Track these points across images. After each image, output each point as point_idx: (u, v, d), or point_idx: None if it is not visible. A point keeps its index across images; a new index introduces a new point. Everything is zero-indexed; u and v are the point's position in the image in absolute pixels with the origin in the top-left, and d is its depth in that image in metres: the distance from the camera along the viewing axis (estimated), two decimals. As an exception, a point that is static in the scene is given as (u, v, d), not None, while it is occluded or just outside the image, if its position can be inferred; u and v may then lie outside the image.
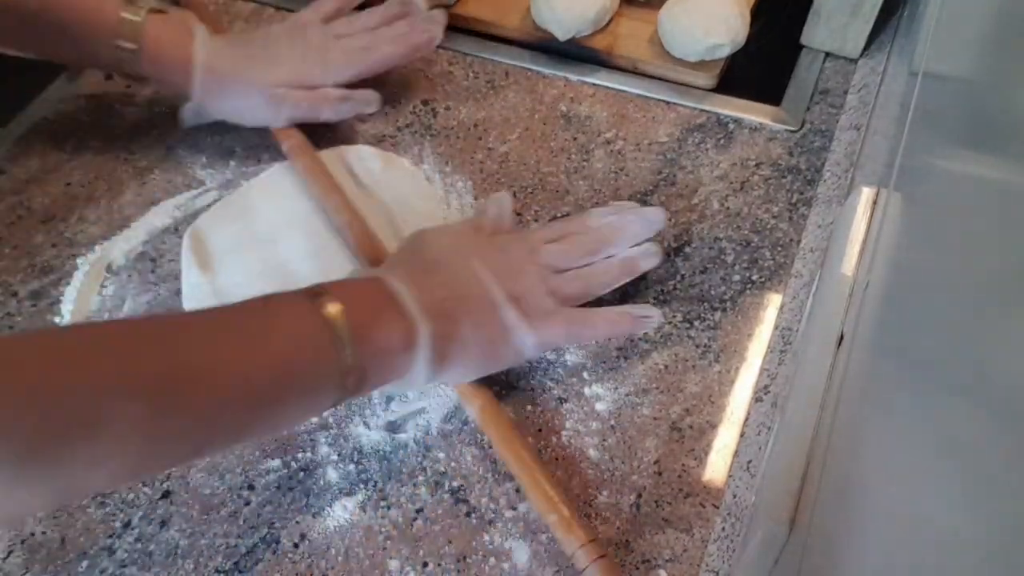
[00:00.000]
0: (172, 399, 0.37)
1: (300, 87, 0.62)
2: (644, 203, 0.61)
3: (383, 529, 0.48)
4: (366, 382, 0.44)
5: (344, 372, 0.42)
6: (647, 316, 0.52)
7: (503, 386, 0.53)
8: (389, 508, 0.49)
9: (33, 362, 0.35)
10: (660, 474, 0.49)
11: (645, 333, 0.55)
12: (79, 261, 0.59)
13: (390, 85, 0.70)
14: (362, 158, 0.64)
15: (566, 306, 0.51)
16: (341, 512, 0.48)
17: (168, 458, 0.40)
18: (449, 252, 0.51)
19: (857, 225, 0.53)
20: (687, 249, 0.59)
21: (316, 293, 0.43)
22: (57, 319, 0.56)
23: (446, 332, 0.46)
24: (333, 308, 0.43)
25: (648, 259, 0.55)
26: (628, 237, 0.55)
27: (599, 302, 0.53)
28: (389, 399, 0.52)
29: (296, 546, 0.47)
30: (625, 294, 0.57)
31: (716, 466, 0.50)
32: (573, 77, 0.70)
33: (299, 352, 0.42)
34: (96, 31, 0.58)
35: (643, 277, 0.57)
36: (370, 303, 0.45)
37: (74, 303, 0.56)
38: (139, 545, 0.47)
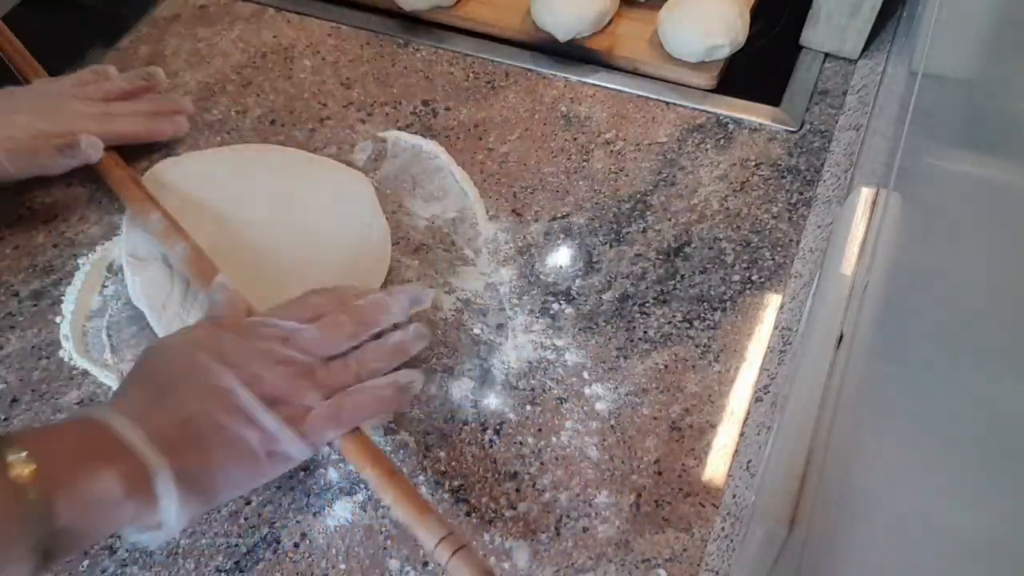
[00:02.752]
0: None
1: (23, 137, 0.58)
2: (644, 203, 0.61)
3: (383, 529, 0.48)
4: (81, 541, 0.39)
5: (42, 540, 0.37)
6: (409, 382, 0.48)
7: (503, 386, 0.53)
8: (389, 508, 0.49)
9: None
10: (660, 474, 0.49)
11: (645, 332, 0.55)
12: (80, 261, 0.59)
13: (390, 86, 0.70)
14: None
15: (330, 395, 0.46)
16: (341, 512, 0.48)
17: None
18: (186, 365, 0.45)
19: (856, 225, 0.53)
20: (687, 249, 0.59)
21: (8, 443, 0.37)
22: (58, 319, 0.56)
23: (194, 462, 0.42)
24: (20, 468, 0.37)
25: (418, 342, 0.50)
26: (395, 315, 0.50)
27: None
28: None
29: (297, 546, 0.47)
30: (625, 295, 0.57)
31: (716, 466, 0.50)
32: (573, 78, 0.70)
33: None
34: None
35: (643, 276, 0.57)
36: (77, 452, 0.39)
37: (75, 303, 0.56)
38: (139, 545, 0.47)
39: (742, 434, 0.51)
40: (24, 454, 0.37)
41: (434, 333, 0.55)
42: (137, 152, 0.64)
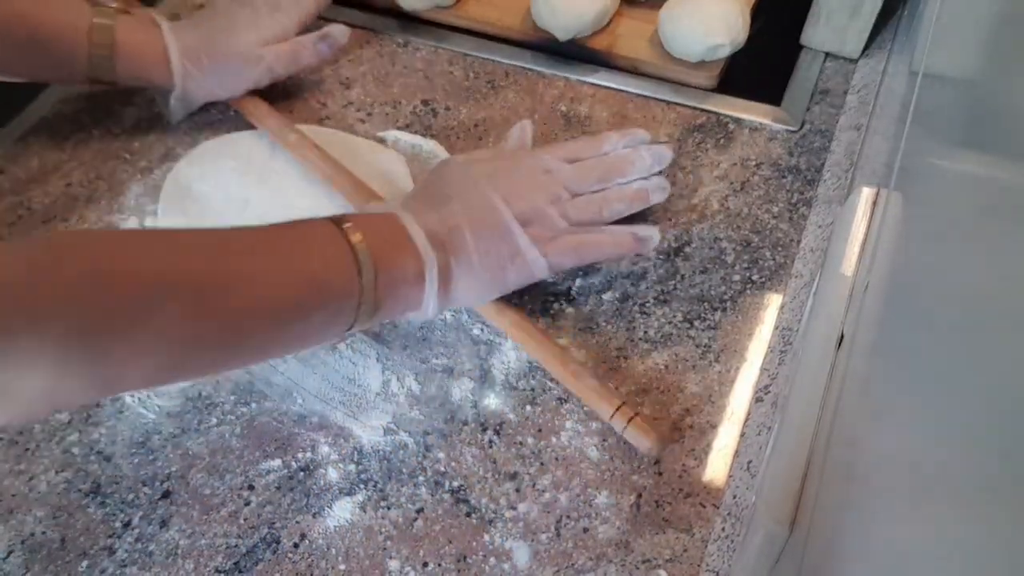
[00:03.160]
0: (210, 301, 0.40)
1: (271, 42, 0.64)
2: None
3: (383, 529, 0.48)
4: (380, 310, 0.47)
5: (362, 297, 0.45)
6: (648, 236, 0.54)
7: (503, 386, 0.53)
8: (389, 508, 0.49)
9: (85, 252, 0.38)
10: (660, 474, 0.49)
11: (645, 332, 0.55)
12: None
13: (390, 85, 0.70)
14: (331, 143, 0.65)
15: (575, 228, 0.53)
16: (341, 512, 0.48)
17: (200, 361, 0.43)
18: (464, 180, 0.52)
19: (857, 225, 0.53)
20: (687, 249, 0.59)
21: (341, 220, 0.46)
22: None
23: (453, 260, 0.49)
24: (356, 235, 0.46)
25: (659, 193, 0.57)
26: (639, 169, 0.57)
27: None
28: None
29: (296, 546, 0.47)
30: (625, 295, 0.57)
31: (716, 466, 0.50)
32: (573, 77, 0.70)
33: (326, 272, 0.45)
34: (69, 40, 0.58)
35: (643, 276, 0.57)
36: (385, 235, 0.48)
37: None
38: (139, 545, 0.47)
39: (742, 434, 0.51)
40: (355, 229, 0.46)
41: (434, 333, 0.55)
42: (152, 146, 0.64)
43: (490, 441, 0.51)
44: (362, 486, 0.49)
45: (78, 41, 0.58)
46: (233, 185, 0.62)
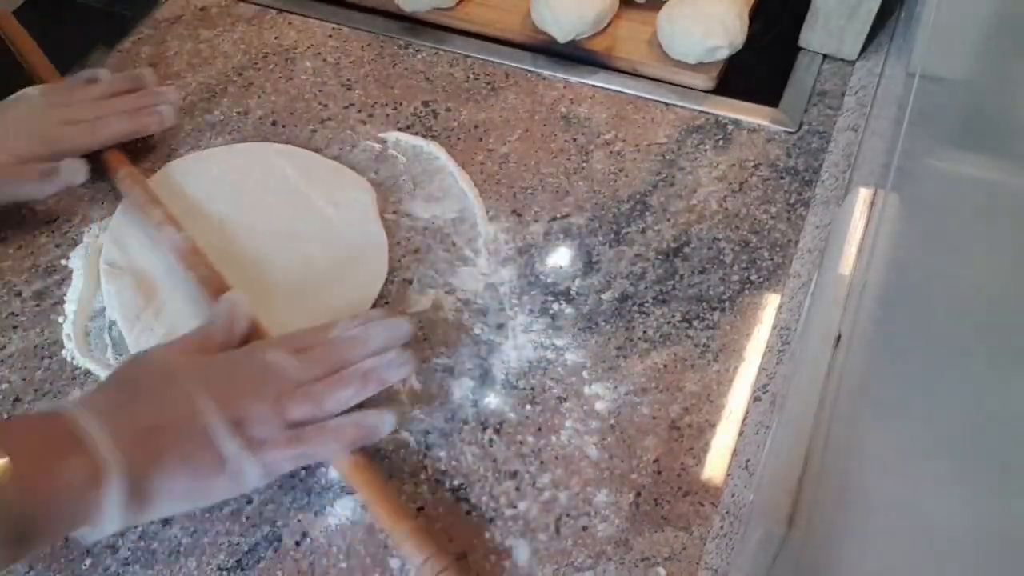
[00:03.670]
0: None
1: (5, 161, 0.58)
2: (644, 203, 0.62)
3: (384, 528, 0.48)
4: (38, 536, 0.40)
5: (16, 528, 0.39)
6: (375, 424, 0.48)
7: (503, 385, 0.53)
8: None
9: None
10: (659, 473, 0.50)
11: (645, 332, 0.55)
12: (66, 262, 0.59)
13: (391, 87, 0.70)
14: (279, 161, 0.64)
15: (297, 427, 0.47)
16: (343, 510, 0.49)
17: None
18: (163, 377, 0.46)
19: (854, 225, 0.53)
20: (686, 249, 0.59)
21: None
22: (60, 319, 0.56)
23: (146, 470, 0.42)
24: None
25: (397, 369, 0.49)
26: (372, 348, 0.50)
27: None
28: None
29: (298, 544, 0.48)
30: (624, 295, 0.57)
31: (715, 465, 0.50)
32: (573, 79, 0.70)
33: None
34: None
35: (642, 276, 0.58)
36: (42, 445, 0.41)
37: (77, 303, 0.57)
38: (142, 543, 0.48)
39: (741, 433, 0.51)
40: None
41: (434, 333, 0.55)
42: (141, 153, 0.65)
43: (490, 440, 0.51)
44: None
45: None
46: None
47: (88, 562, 0.47)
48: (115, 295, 0.56)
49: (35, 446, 0.41)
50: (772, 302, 0.57)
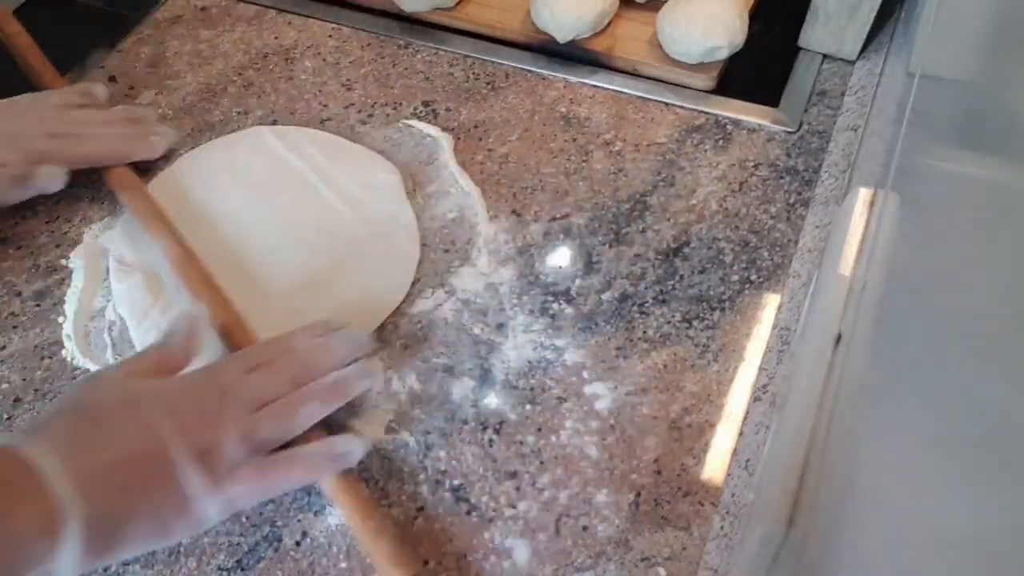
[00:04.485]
0: None
1: None
2: (644, 203, 0.62)
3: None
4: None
5: None
6: (346, 451, 0.47)
7: (503, 385, 0.53)
8: (390, 506, 0.49)
9: None
10: (659, 473, 0.50)
11: (645, 332, 0.55)
12: (68, 263, 0.59)
13: (391, 87, 0.70)
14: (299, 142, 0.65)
15: (262, 452, 0.45)
16: (342, 516, 0.49)
17: None
18: (124, 404, 0.43)
19: (854, 225, 0.53)
20: (686, 249, 0.59)
21: None
22: (61, 319, 0.56)
23: (107, 513, 0.39)
24: None
25: (360, 380, 0.49)
26: (335, 360, 0.48)
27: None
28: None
29: (298, 544, 0.48)
30: (624, 295, 0.57)
31: (715, 465, 0.50)
32: (573, 79, 0.70)
33: None
34: None
35: (642, 276, 0.58)
36: None
37: (77, 303, 0.57)
38: (142, 543, 0.48)
39: (741, 433, 0.51)
40: None
41: (434, 333, 0.55)
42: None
43: (490, 440, 0.51)
44: (363, 485, 0.49)
45: None
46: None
47: None
48: (125, 293, 0.56)
49: None
50: (772, 302, 0.57)
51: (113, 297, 0.57)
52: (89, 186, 0.63)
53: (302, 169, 0.63)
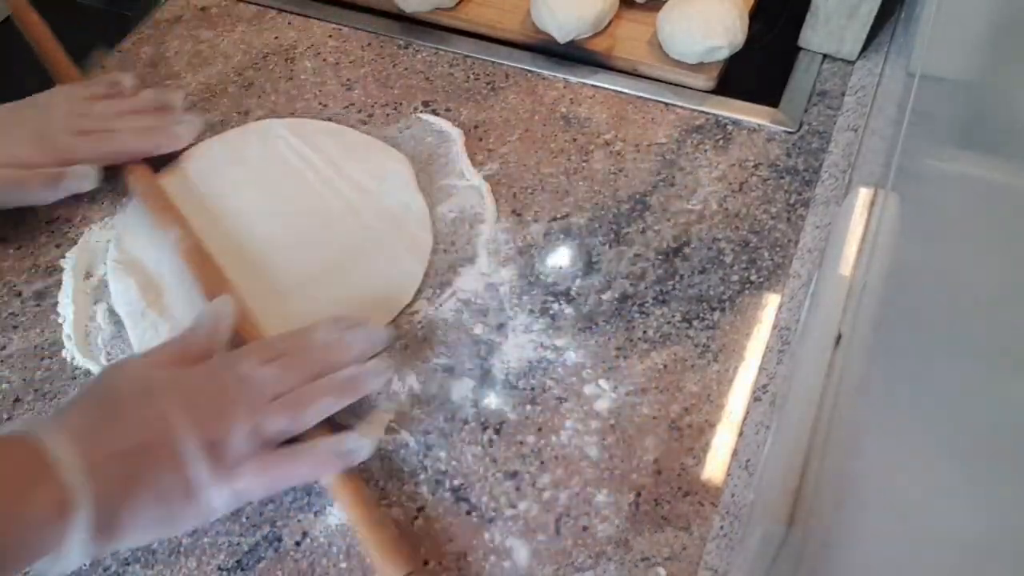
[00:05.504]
0: None
1: (10, 166, 0.57)
2: (644, 204, 0.62)
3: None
4: (10, 562, 0.38)
5: None
6: (354, 448, 0.47)
7: (503, 385, 0.53)
8: (390, 506, 0.49)
9: None
10: (659, 473, 0.50)
11: (645, 332, 0.55)
12: (63, 263, 0.59)
13: (391, 87, 0.70)
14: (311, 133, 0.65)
15: (271, 445, 0.46)
16: (342, 511, 0.49)
17: None
18: (140, 394, 0.44)
19: (855, 225, 0.53)
20: (686, 249, 0.59)
21: None
22: (61, 319, 0.56)
23: (116, 500, 0.40)
24: None
25: (375, 378, 0.49)
26: (352, 355, 0.49)
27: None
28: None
29: (298, 544, 0.48)
30: (624, 295, 0.57)
31: (715, 465, 0.50)
32: (573, 79, 0.70)
33: None
34: None
35: (642, 276, 0.58)
36: (7, 470, 0.39)
37: (77, 303, 0.57)
38: (142, 543, 0.48)
39: (741, 433, 0.51)
40: None
41: (434, 333, 0.55)
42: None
43: (490, 440, 0.51)
44: (364, 483, 0.49)
45: None
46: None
47: (88, 561, 0.47)
48: (122, 293, 0.56)
49: (3, 466, 0.39)
50: (772, 302, 0.57)
51: (111, 296, 0.57)
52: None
53: (312, 160, 0.63)
